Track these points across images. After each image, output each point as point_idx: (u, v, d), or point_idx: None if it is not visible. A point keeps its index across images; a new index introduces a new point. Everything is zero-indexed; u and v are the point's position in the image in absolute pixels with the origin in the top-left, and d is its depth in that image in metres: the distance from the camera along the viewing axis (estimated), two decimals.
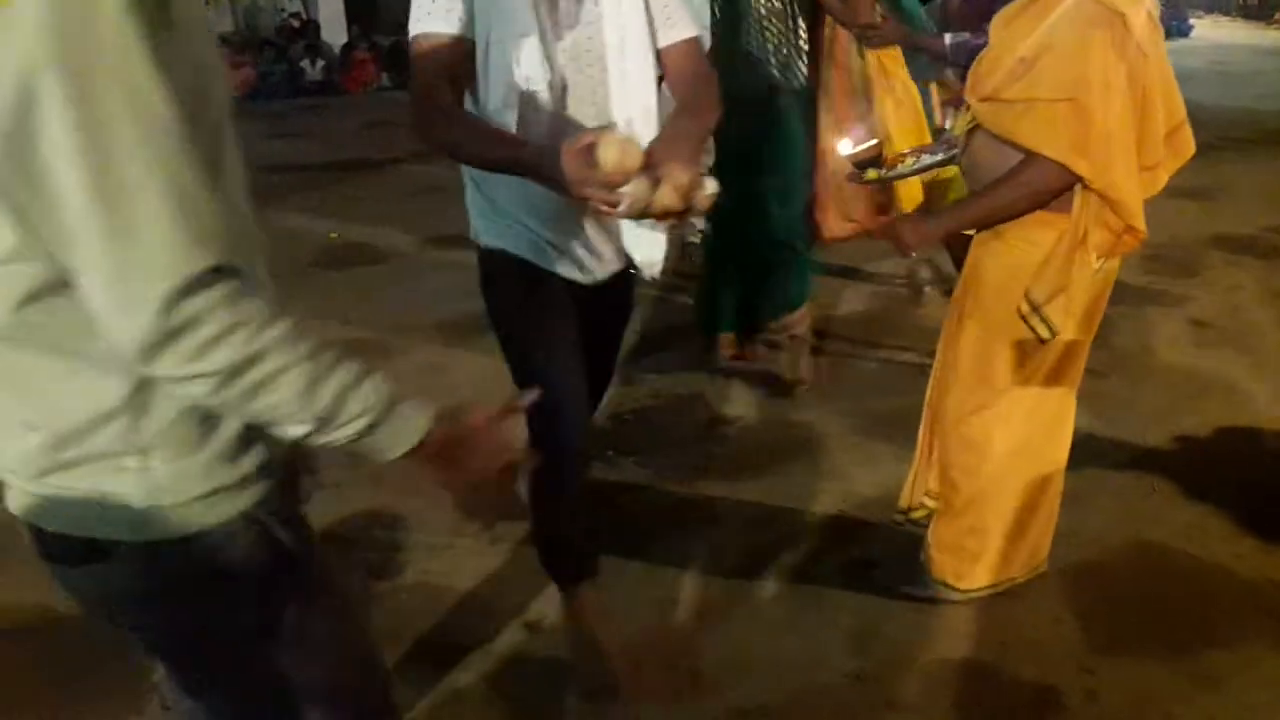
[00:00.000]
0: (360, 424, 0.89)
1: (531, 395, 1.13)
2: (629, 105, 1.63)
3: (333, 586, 1.10)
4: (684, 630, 2.07)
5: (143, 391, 0.87)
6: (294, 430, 0.88)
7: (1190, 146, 1.86)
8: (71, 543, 0.92)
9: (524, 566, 2.29)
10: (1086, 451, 2.67)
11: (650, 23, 1.65)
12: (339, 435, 0.89)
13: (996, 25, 1.86)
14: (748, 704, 1.89)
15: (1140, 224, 1.77)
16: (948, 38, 2.74)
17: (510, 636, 2.08)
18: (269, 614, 0.99)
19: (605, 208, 1.40)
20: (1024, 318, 1.83)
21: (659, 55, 1.68)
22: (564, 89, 1.61)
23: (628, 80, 1.64)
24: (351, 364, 0.89)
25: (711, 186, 1.45)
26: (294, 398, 0.84)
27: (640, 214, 1.41)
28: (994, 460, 1.98)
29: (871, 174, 2.47)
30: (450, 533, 2.43)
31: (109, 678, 1.91)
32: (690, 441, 2.91)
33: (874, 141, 2.87)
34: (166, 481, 0.90)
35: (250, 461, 0.94)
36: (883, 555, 2.30)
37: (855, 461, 2.76)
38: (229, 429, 0.92)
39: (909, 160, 2.41)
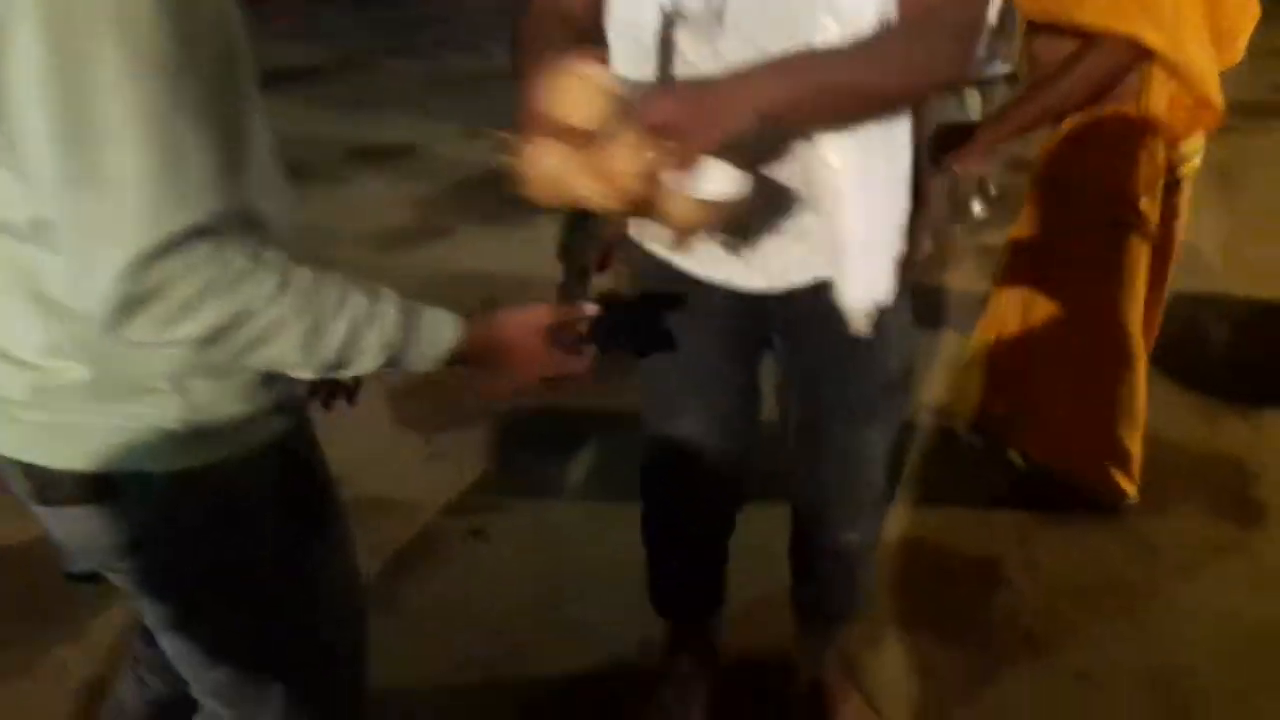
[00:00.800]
0: (377, 358, 0.84)
1: (590, 309, 0.99)
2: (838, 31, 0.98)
3: (341, 519, 1.08)
4: None
5: None
6: (304, 375, 0.83)
7: (1256, 7, 1.72)
8: (79, 480, 0.85)
9: (467, 478, 2.27)
10: None
11: None
12: (354, 371, 0.84)
13: None
14: None
15: (1216, 95, 1.64)
16: None
17: (456, 546, 2.06)
18: (285, 544, 0.96)
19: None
20: (1114, 216, 1.73)
21: None
22: (725, 15, 1.03)
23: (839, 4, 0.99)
24: (360, 300, 0.82)
25: (722, 181, 0.90)
26: (294, 350, 0.79)
27: (561, 196, 0.93)
28: (1131, 361, 1.90)
29: None
30: (390, 445, 2.38)
31: (44, 609, 1.86)
32: None
33: None
34: (204, 401, 0.85)
35: (283, 387, 0.90)
36: None
37: None
38: None
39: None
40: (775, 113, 0.93)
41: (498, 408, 2.49)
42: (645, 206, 0.92)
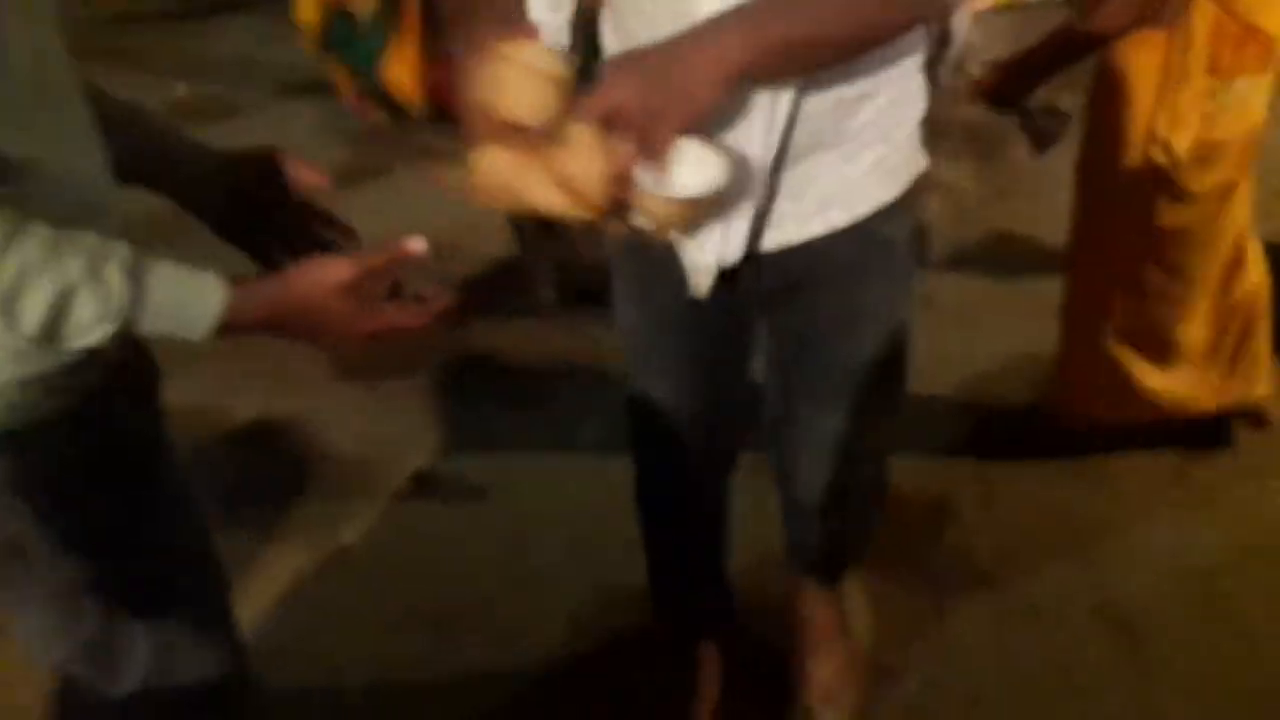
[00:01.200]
0: (98, 330, 0.74)
1: (417, 243, 0.84)
2: None
3: (180, 476, 1.01)
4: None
5: None
6: (20, 345, 0.73)
7: None
8: None
9: (415, 429, 2.21)
10: (984, 267, 2.68)
11: None
12: (82, 343, 0.74)
13: None
14: None
15: (1266, 24, 1.52)
16: None
17: (406, 499, 2.01)
18: (104, 508, 0.90)
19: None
20: (1146, 156, 1.64)
21: None
22: None
23: None
24: (74, 263, 0.71)
25: (701, 166, 0.77)
26: None
27: (524, 208, 0.81)
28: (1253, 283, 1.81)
29: None
30: (334, 397, 2.30)
31: None
32: None
33: None
34: None
35: (72, 351, 0.80)
36: None
37: None
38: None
39: None
40: (745, 75, 0.78)
41: (440, 356, 2.43)
42: (621, 209, 0.79)
